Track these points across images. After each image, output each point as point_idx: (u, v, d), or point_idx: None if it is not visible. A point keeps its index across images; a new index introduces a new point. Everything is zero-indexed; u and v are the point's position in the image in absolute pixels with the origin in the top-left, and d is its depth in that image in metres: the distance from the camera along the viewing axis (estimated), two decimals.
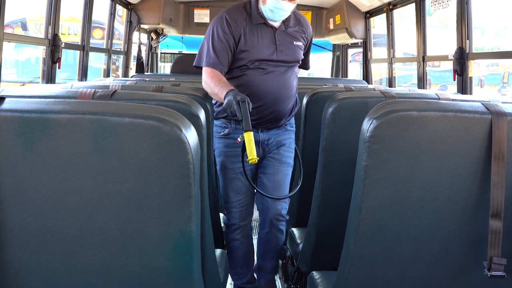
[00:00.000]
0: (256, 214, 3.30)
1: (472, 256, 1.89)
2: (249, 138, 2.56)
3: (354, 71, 7.94)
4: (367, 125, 1.79)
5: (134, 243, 1.47)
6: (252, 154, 2.54)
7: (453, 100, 2.48)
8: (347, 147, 2.38)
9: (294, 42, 3.08)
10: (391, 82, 5.15)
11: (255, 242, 3.33)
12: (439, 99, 2.52)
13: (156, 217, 1.45)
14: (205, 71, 2.96)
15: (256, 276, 3.33)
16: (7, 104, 1.43)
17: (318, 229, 2.49)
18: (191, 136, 1.45)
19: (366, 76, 5.90)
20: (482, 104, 1.84)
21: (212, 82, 2.85)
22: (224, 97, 2.68)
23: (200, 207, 1.52)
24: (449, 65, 3.57)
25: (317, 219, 2.45)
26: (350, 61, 7.30)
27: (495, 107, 1.82)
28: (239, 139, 2.68)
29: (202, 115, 2.09)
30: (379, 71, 6.75)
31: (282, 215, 3.14)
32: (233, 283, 3.26)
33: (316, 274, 2.44)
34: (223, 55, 2.96)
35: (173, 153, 1.41)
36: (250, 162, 2.56)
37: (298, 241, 2.90)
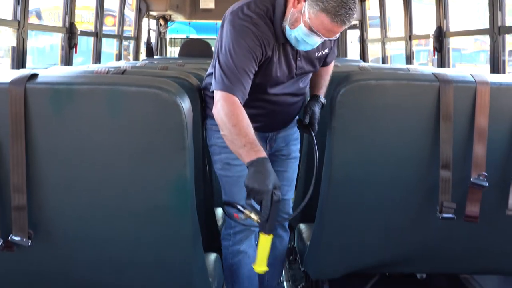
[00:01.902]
0: None
1: (427, 202, 2.23)
2: (267, 243, 2.04)
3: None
4: (335, 93, 2.14)
5: (141, 186, 1.84)
6: (263, 262, 2.05)
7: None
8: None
9: (317, 53, 2.48)
10: (384, 60, 5.47)
11: None
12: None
13: (158, 165, 1.82)
14: (221, 97, 2.19)
15: None
16: (40, 78, 1.81)
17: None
18: (185, 101, 1.82)
19: (363, 56, 6.23)
20: (433, 73, 2.18)
21: (231, 126, 2.13)
22: (248, 166, 2.07)
23: (193, 158, 1.89)
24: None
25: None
26: (351, 42, 7.64)
27: (443, 76, 2.16)
28: (239, 217, 2.14)
29: (199, 89, 2.47)
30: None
31: (289, 214, 2.81)
32: None
33: (302, 226, 2.80)
34: (245, 77, 2.23)
35: (170, 114, 1.77)
36: (256, 270, 2.09)
37: (307, 241, 2.72)
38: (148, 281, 2.05)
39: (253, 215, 2.05)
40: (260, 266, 2.06)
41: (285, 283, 3.37)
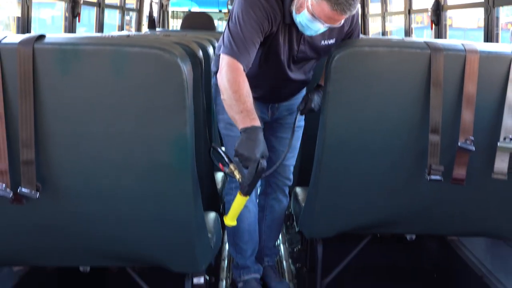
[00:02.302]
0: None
1: (417, 165, 2.33)
2: (242, 202, 2.14)
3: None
4: (331, 59, 2.23)
5: (143, 143, 1.94)
6: (234, 217, 2.17)
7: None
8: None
9: (323, 42, 2.49)
10: (384, 34, 5.54)
11: None
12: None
13: (159, 122, 1.92)
14: (226, 63, 2.27)
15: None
16: (47, 39, 1.90)
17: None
18: (186, 63, 1.91)
19: (364, 30, 6.28)
20: (424, 42, 2.27)
21: (232, 92, 2.20)
22: (242, 132, 2.16)
23: (193, 117, 1.99)
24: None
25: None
26: None
27: (434, 44, 2.25)
28: (224, 168, 2.22)
29: (200, 54, 2.56)
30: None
31: (290, 179, 2.91)
32: (234, 265, 2.95)
33: (298, 189, 2.90)
34: (251, 46, 2.31)
35: (172, 75, 1.87)
36: (226, 223, 2.21)
37: (302, 203, 2.81)
38: (150, 235, 2.16)
39: (236, 173, 2.15)
40: (230, 220, 2.17)
41: (281, 246, 3.48)
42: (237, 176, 2.15)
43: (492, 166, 2.30)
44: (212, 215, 2.60)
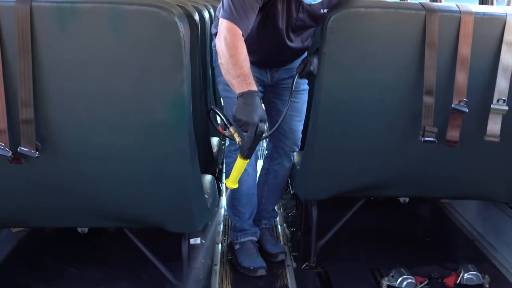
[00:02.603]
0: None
1: (411, 127, 2.36)
2: (242, 166, 2.15)
3: None
4: (327, 20, 2.24)
5: (141, 102, 1.96)
6: (235, 180, 2.18)
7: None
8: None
9: (322, 10, 2.47)
10: None
11: None
12: None
13: (157, 81, 1.93)
14: (225, 27, 2.25)
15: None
16: None
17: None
18: (183, 21, 1.92)
19: None
20: (420, 3, 2.28)
21: (229, 57, 2.20)
22: (238, 97, 2.16)
23: (190, 77, 2.01)
24: None
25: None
26: None
27: (429, 5, 2.26)
28: (223, 131, 2.25)
29: (196, 16, 2.56)
30: None
31: (297, 145, 2.89)
32: (231, 228, 2.98)
33: (294, 153, 2.93)
34: (251, 12, 2.30)
35: (169, 33, 1.88)
36: (227, 186, 2.22)
37: (297, 166, 2.83)
38: (147, 194, 2.19)
39: (236, 136, 2.17)
40: (232, 183, 2.19)
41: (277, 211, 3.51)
42: (237, 139, 2.17)
43: (485, 128, 2.33)
44: (208, 177, 2.63)
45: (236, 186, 2.20)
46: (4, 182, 2.14)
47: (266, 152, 2.99)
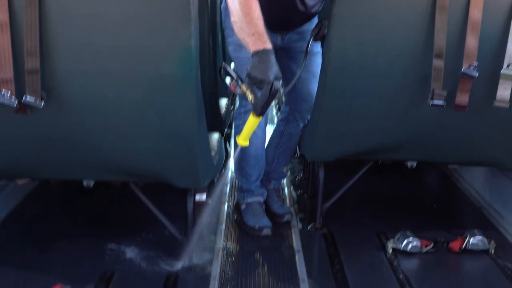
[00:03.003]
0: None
1: (420, 90, 2.34)
2: (254, 123, 2.16)
3: None
4: None
5: (148, 55, 1.96)
6: (246, 137, 2.18)
7: None
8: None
9: None
10: None
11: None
12: None
13: (165, 34, 1.92)
14: None
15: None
16: None
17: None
18: None
19: None
20: None
21: (243, 15, 2.17)
22: (253, 55, 2.15)
23: (198, 31, 2.00)
24: None
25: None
26: None
27: None
28: (235, 87, 2.23)
29: None
30: None
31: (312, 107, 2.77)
32: (238, 188, 3.00)
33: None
34: None
35: None
36: (238, 143, 2.21)
37: (306, 128, 2.83)
38: (153, 148, 2.20)
39: (248, 93, 2.16)
40: (243, 140, 2.19)
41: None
42: (250, 96, 2.16)
43: (495, 94, 2.30)
44: (215, 135, 2.64)
45: (247, 143, 2.21)
46: (10, 132, 2.15)
47: (281, 114, 2.99)
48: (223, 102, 3.38)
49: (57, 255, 2.50)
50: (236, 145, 2.29)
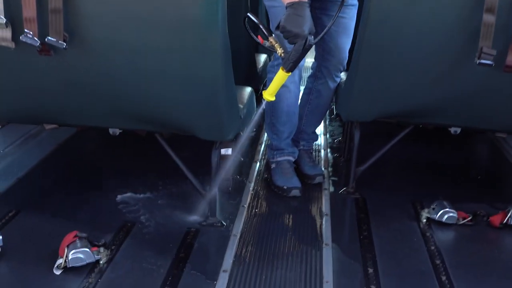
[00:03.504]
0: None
1: (467, 48, 2.14)
2: (282, 78, 2.09)
3: None
4: None
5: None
6: (273, 92, 2.11)
7: None
8: None
9: None
10: None
11: None
12: None
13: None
14: None
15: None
16: None
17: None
18: None
19: None
20: None
21: None
22: (288, 7, 2.08)
23: None
24: None
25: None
26: None
27: None
28: (262, 39, 2.13)
29: None
30: None
31: (343, 64, 2.72)
32: (268, 146, 2.90)
33: (342, 74, 2.77)
34: None
35: None
36: (264, 97, 2.13)
37: (342, 86, 2.70)
38: (176, 97, 2.11)
39: (277, 46, 2.07)
40: (269, 95, 2.11)
41: (322, 137, 3.40)
42: (279, 50, 2.07)
43: None
44: (247, 89, 2.54)
45: (273, 99, 2.13)
46: (35, 76, 2.10)
47: (311, 71, 2.85)
48: (262, 57, 3.25)
49: (81, 203, 2.46)
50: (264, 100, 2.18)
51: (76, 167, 2.84)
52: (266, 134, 3.25)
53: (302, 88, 2.85)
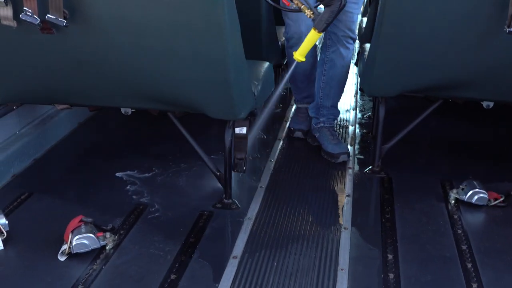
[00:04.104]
0: None
1: (496, 16, 1.98)
2: (314, 38, 2.10)
3: None
4: None
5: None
6: (303, 53, 2.13)
7: None
8: None
9: None
10: None
11: None
12: None
13: None
14: None
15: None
16: None
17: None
18: None
19: None
20: None
21: None
22: None
23: None
24: None
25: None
26: None
27: None
28: (288, 2, 2.15)
29: None
30: None
31: (352, 31, 2.68)
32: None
33: (367, 45, 2.61)
34: None
35: None
36: (295, 58, 2.15)
37: (365, 59, 2.59)
38: (184, 75, 2.01)
39: (304, 8, 2.05)
40: (300, 56, 2.13)
41: (352, 112, 3.27)
42: (307, 12, 2.05)
43: None
44: (264, 64, 2.41)
45: (303, 59, 2.14)
46: (41, 55, 2.03)
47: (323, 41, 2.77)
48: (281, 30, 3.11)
49: (94, 186, 2.40)
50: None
51: (90, 149, 2.78)
52: (292, 110, 3.15)
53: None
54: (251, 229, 2.09)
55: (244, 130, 2.22)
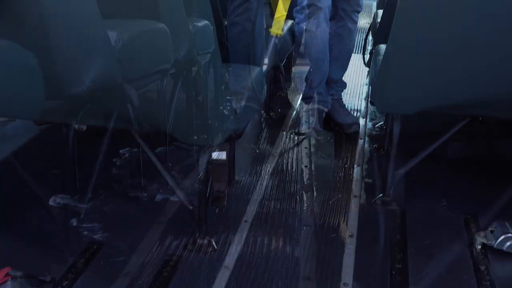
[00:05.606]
0: None
1: None
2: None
3: None
4: None
5: None
6: (279, 27, 2.20)
7: None
8: None
9: None
10: None
11: None
12: None
13: None
14: None
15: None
16: None
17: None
18: None
19: None
20: None
21: None
22: None
23: None
24: None
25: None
26: None
27: None
28: None
29: None
30: None
31: (359, 4, 2.74)
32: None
33: (382, 47, 2.19)
34: None
35: None
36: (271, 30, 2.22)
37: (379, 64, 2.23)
38: None
39: None
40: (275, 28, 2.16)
41: (361, 119, 2.91)
42: None
43: None
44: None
45: (280, 32, 2.21)
46: None
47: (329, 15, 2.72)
48: None
49: (35, 219, 1.97)
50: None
51: (33, 171, 2.29)
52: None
53: None
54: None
55: (223, 155, 1.80)
